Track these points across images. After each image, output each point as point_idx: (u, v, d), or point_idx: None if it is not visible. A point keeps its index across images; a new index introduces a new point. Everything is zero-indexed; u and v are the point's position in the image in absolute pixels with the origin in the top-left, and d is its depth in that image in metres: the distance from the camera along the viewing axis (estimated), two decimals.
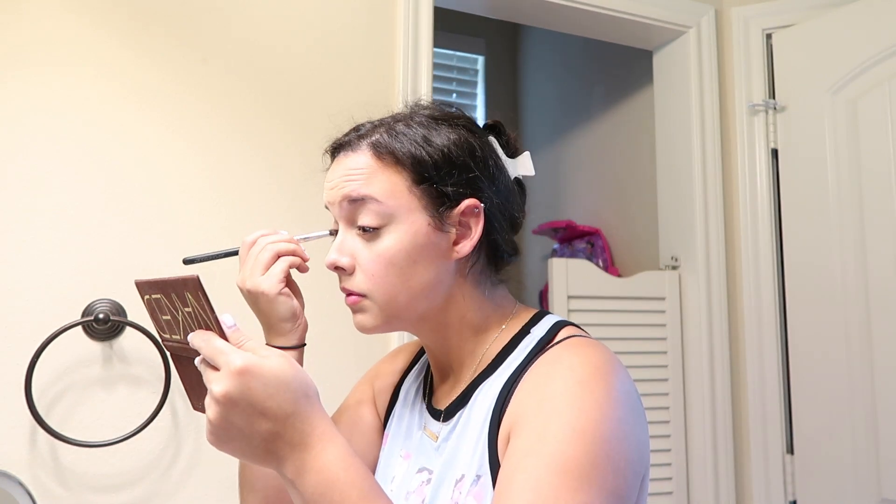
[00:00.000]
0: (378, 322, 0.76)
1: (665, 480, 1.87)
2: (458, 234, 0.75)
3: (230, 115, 1.46)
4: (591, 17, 1.90)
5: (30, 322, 1.27)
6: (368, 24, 1.60)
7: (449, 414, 0.78)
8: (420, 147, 0.74)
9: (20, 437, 1.26)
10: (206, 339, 0.63)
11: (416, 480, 0.78)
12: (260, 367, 0.60)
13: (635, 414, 0.68)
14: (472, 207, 0.75)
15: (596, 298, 1.88)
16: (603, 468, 0.61)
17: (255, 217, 1.45)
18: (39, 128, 1.32)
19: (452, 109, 0.82)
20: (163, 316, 0.68)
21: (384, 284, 0.74)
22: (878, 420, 1.62)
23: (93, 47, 1.37)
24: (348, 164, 0.76)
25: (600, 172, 2.49)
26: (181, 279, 0.63)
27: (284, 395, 0.60)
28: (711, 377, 1.89)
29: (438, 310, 0.77)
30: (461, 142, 0.76)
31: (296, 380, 0.61)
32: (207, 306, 0.62)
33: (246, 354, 0.61)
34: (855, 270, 1.69)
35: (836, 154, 1.75)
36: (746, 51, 1.96)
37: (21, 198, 1.30)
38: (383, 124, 0.77)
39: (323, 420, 0.62)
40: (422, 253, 0.74)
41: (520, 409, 0.68)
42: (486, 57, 3.04)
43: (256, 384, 0.59)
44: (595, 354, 0.70)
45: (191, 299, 0.63)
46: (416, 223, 0.73)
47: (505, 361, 0.76)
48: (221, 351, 0.61)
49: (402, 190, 0.73)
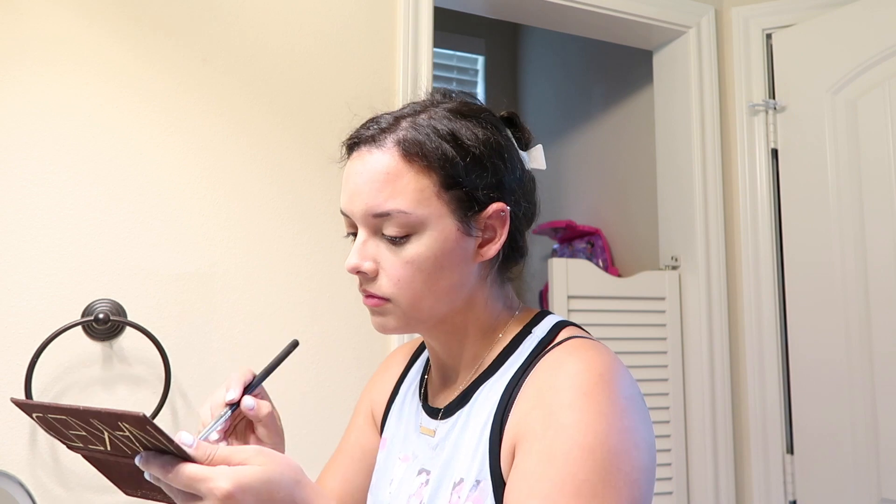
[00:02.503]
0: (400, 325, 0.74)
1: (665, 480, 1.87)
2: (485, 238, 0.74)
3: (230, 116, 1.46)
4: (591, 17, 1.90)
5: (30, 322, 1.27)
6: (368, 24, 1.60)
7: (448, 412, 0.77)
8: (450, 146, 0.70)
9: (20, 437, 1.26)
10: (169, 469, 0.57)
11: (415, 483, 0.77)
12: (246, 480, 0.57)
13: (641, 418, 0.67)
14: (500, 211, 0.73)
15: (596, 298, 1.88)
16: (614, 483, 0.61)
17: (255, 217, 1.45)
18: (39, 128, 1.32)
19: (475, 101, 0.77)
20: (71, 431, 0.61)
21: (410, 290, 0.72)
22: (878, 420, 1.62)
23: (93, 47, 1.36)
24: (372, 164, 0.70)
25: (600, 172, 2.49)
26: (130, 415, 0.55)
27: (279, 495, 0.58)
28: (711, 377, 1.89)
29: (457, 312, 0.76)
30: (489, 140, 0.73)
31: (283, 474, 0.59)
32: (162, 437, 0.56)
33: (226, 473, 0.57)
34: (855, 270, 1.69)
35: (836, 154, 1.75)
36: (746, 51, 1.96)
37: (21, 198, 1.30)
38: (405, 116, 0.73)
39: (320, 495, 0.62)
40: (449, 257, 0.71)
41: (524, 423, 0.67)
42: (486, 57, 3.04)
43: (250, 500, 0.57)
44: (597, 359, 0.69)
45: (128, 427, 0.56)
46: (446, 229, 0.71)
47: (506, 362, 0.75)
48: (198, 478, 0.57)
49: (430, 196, 0.70)
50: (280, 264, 1.46)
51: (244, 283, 1.43)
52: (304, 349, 1.44)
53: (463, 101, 0.76)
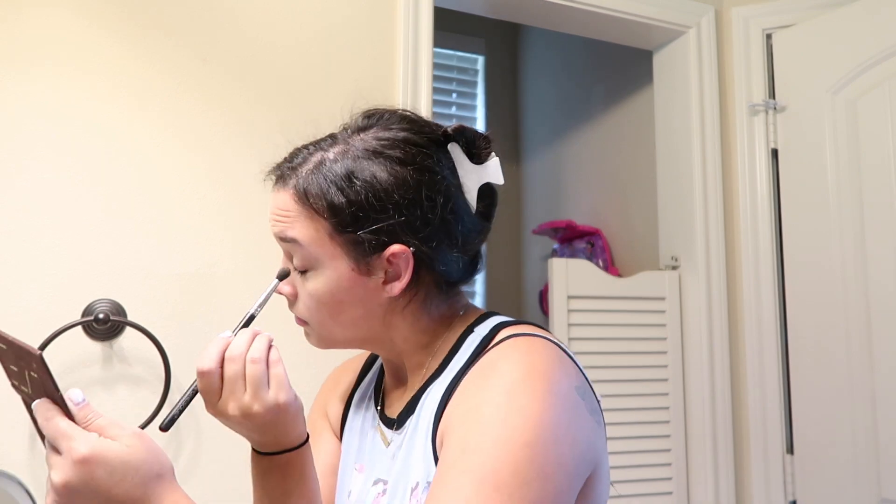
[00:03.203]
0: (319, 344, 0.79)
1: (665, 480, 1.87)
2: (388, 276, 0.73)
3: (230, 116, 1.46)
4: (591, 17, 1.90)
5: (30, 322, 1.27)
6: (368, 24, 1.60)
7: (400, 422, 0.78)
8: (339, 192, 0.71)
9: (20, 437, 1.26)
10: (48, 418, 0.58)
11: (372, 493, 0.77)
12: (105, 453, 0.57)
13: (574, 413, 0.66)
14: (399, 253, 0.72)
15: (596, 298, 1.88)
16: (526, 476, 0.60)
17: (255, 217, 1.45)
18: (39, 128, 1.32)
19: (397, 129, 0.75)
20: (10, 365, 0.63)
21: (317, 318, 0.76)
22: (878, 420, 1.62)
23: (93, 47, 1.37)
24: (277, 201, 0.75)
25: (600, 172, 2.49)
26: (25, 349, 0.58)
27: (133, 480, 0.58)
28: (711, 377, 1.89)
29: (378, 333, 0.77)
30: (388, 181, 0.71)
31: (146, 462, 0.59)
32: (51, 382, 0.58)
33: (90, 439, 0.57)
34: (855, 270, 1.69)
35: (836, 154, 1.75)
36: (746, 51, 1.96)
37: (21, 198, 1.30)
38: (317, 152, 0.75)
39: (174, 495, 0.60)
40: (347, 294, 0.74)
41: (450, 419, 0.68)
42: (486, 57, 3.04)
43: (101, 472, 0.57)
44: (530, 357, 0.68)
45: (36, 368, 0.58)
46: (339, 269, 0.73)
47: (449, 365, 0.75)
48: (64, 434, 0.57)
49: (323, 237, 0.72)
50: (280, 264, 1.45)
51: (244, 283, 1.43)
52: (302, 348, 1.43)
53: (381, 134, 0.74)
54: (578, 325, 1.84)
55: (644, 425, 1.87)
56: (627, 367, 1.87)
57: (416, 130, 0.76)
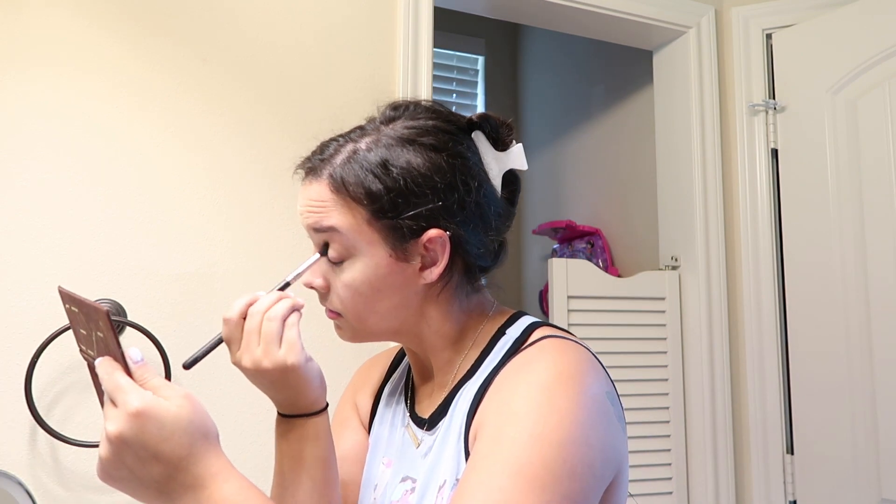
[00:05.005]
0: (353, 337, 0.79)
1: (665, 480, 1.87)
2: (425, 262, 0.74)
3: (230, 116, 1.46)
4: (591, 17, 1.90)
5: (30, 322, 1.27)
6: (368, 24, 1.60)
7: (432, 423, 0.78)
8: (376, 179, 0.72)
9: (20, 437, 1.26)
10: (109, 372, 0.61)
11: (400, 490, 0.78)
12: (157, 409, 0.59)
13: (604, 418, 0.68)
14: (437, 238, 0.73)
15: (596, 298, 1.88)
16: (557, 472, 0.62)
17: (255, 217, 1.45)
18: (39, 128, 1.32)
19: (427, 118, 0.77)
20: (80, 329, 0.67)
21: (353, 309, 0.76)
22: (878, 420, 1.62)
23: (93, 47, 1.37)
24: (310, 192, 0.75)
25: (600, 172, 2.49)
26: (93, 307, 0.61)
27: (180, 439, 0.60)
28: (711, 377, 1.89)
29: (412, 324, 0.78)
30: (425, 166, 0.73)
31: (193, 423, 0.61)
32: (115, 339, 0.61)
33: (146, 395, 0.60)
34: (855, 270, 1.69)
35: (836, 154, 1.75)
36: (746, 51, 1.96)
37: (21, 198, 1.30)
38: (348, 143, 0.75)
39: (219, 460, 0.62)
40: (384, 282, 0.74)
41: (483, 414, 0.69)
42: (486, 57, 3.04)
43: (152, 427, 0.59)
44: (565, 358, 0.69)
45: (102, 326, 0.62)
46: (377, 256, 0.73)
47: (482, 366, 0.76)
48: (121, 388, 0.60)
49: (361, 224, 0.72)
50: (280, 264, 1.46)
51: (244, 283, 1.43)
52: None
53: (410, 123, 0.76)
54: (578, 325, 1.84)
55: (644, 425, 1.87)
56: (627, 367, 1.87)
57: (444, 119, 0.77)
